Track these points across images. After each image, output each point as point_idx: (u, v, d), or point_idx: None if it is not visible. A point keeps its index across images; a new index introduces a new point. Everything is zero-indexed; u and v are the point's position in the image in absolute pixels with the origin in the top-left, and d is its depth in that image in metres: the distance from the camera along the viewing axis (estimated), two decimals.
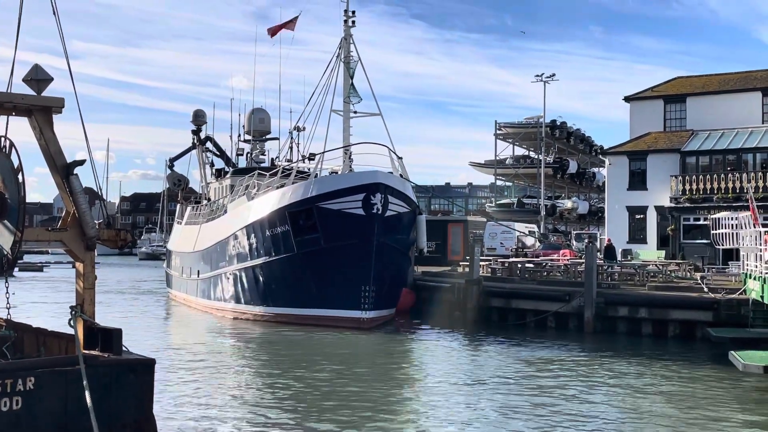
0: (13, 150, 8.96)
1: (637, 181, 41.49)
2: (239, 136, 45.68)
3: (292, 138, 40.42)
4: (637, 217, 41.38)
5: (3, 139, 9.13)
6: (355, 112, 34.29)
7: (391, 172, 28.49)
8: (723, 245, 28.92)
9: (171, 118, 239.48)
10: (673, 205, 39.20)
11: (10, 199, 8.91)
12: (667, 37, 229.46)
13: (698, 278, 28.54)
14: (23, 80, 9.49)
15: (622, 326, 25.88)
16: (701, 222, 38.16)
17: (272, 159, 41.88)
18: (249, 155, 43.59)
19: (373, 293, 27.10)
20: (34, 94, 9.41)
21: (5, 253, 9.03)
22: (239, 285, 30.78)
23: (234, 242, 31.07)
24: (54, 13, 10.30)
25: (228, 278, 31.78)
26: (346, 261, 26.62)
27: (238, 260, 30.79)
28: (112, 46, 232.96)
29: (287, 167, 32.69)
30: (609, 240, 33.09)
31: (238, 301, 31.03)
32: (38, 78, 9.44)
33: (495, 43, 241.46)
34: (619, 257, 33.96)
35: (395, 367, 20.60)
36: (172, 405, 14.77)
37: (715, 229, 29.42)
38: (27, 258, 72.13)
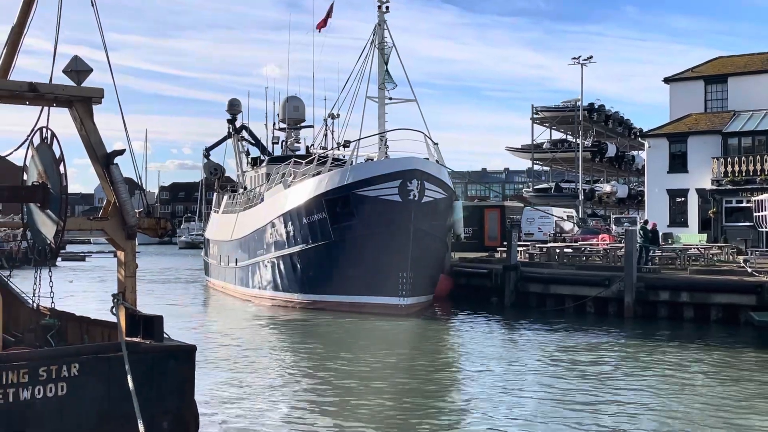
0: (55, 141, 9.08)
1: (678, 163, 40.80)
2: (274, 124, 45.87)
3: (326, 125, 40.48)
4: (678, 200, 40.74)
5: (44, 130, 9.25)
6: (390, 99, 34.17)
7: (427, 159, 28.37)
8: (766, 228, 28.38)
9: (206, 108, 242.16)
10: (714, 187, 38.50)
11: (52, 189, 9.04)
12: (704, 16, 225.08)
13: (741, 261, 28.06)
14: (63, 71, 9.59)
15: (663, 311, 25.56)
16: (744, 204, 37.44)
17: (307, 147, 41.98)
18: (284, 143, 43.75)
19: (411, 280, 27.07)
20: (74, 85, 9.51)
21: (48, 242, 9.17)
22: (277, 272, 30.99)
23: (271, 230, 31.27)
24: (92, 5, 10.40)
25: (266, 266, 32.02)
26: (383, 248, 26.63)
27: (275, 248, 30.99)
28: (146, 37, 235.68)
29: (323, 155, 32.74)
30: (653, 223, 32.65)
31: (276, 288, 31.25)
32: (78, 69, 9.54)
33: (528, 26, 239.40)
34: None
35: (433, 353, 20.60)
36: (212, 391, 14.95)
37: (758, 212, 28.90)
38: (69, 248, 73.48)
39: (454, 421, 13.32)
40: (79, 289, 37.79)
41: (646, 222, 31.70)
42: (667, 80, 44.49)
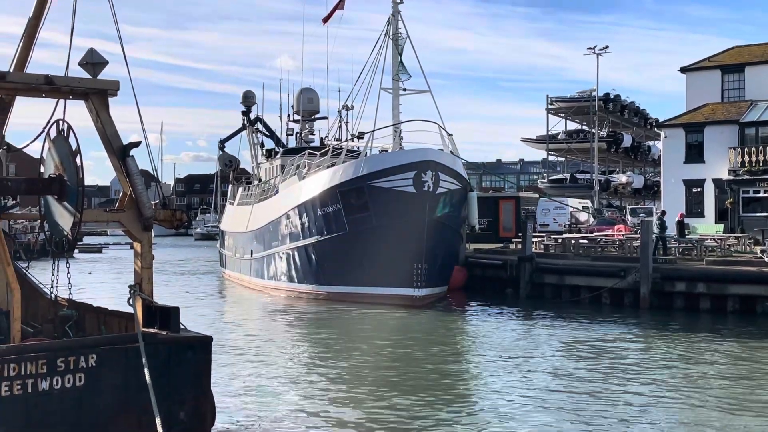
0: (71, 133, 9.12)
1: (694, 153, 40.50)
2: (288, 116, 45.91)
3: (341, 117, 40.47)
4: (694, 190, 40.45)
5: (61, 122, 9.30)
6: (405, 90, 34.07)
7: (442, 150, 28.30)
8: None
9: (220, 100, 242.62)
10: (731, 177, 38.20)
11: (68, 181, 9.09)
12: (721, 5, 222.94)
13: (758, 252, 27.86)
14: (79, 64, 9.63)
15: (680, 302, 25.42)
16: (761, 194, 37.16)
17: (322, 138, 41.99)
18: (299, 135, 43.79)
19: (425, 271, 27.07)
20: (90, 77, 9.54)
21: (65, 234, 9.23)
22: (292, 264, 31.08)
23: (286, 222, 31.35)
24: None
25: (281, 257, 32.11)
26: (397, 239, 26.62)
27: (290, 239, 31.07)
28: (160, 29, 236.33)
29: (337, 146, 32.72)
30: (681, 214, 32.41)
31: (291, 280, 31.34)
32: (94, 61, 9.58)
33: (542, 16, 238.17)
34: (673, 231, 33.23)
35: (448, 345, 20.60)
36: (228, 381, 15.03)
37: None
38: (87, 240, 73.97)
39: (468, 411, 13.32)
40: (96, 280, 38.05)
41: (663, 213, 31.44)
42: (683, 70, 44.11)
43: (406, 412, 12.90)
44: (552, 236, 35.41)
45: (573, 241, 32.88)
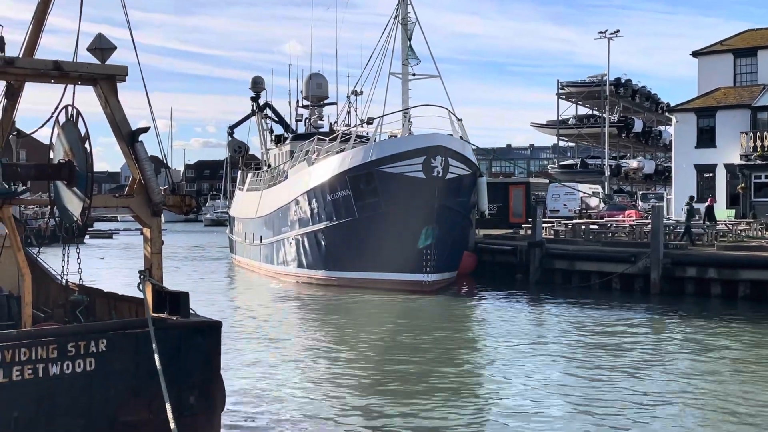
0: (80, 119, 9.11)
1: (706, 138, 40.27)
2: (297, 101, 45.85)
3: (350, 102, 40.39)
4: (706, 175, 40.25)
5: (70, 108, 9.28)
6: (414, 75, 33.92)
7: (451, 135, 28.22)
8: None
9: (229, 86, 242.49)
10: (743, 162, 37.99)
11: (78, 167, 9.08)
12: None
13: None
14: (87, 49, 9.58)
15: (690, 287, 25.35)
16: None
17: (331, 124, 41.94)
18: (308, 121, 43.74)
19: (435, 256, 27.08)
20: (99, 62, 9.51)
21: (75, 219, 9.24)
22: (301, 250, 31.12)
23: (295, 207, 31.36)
24: None
25: (290, 243, 32.16)
26: (407, 224, 26.61)
27: (299, 225, 31.10)
28: (168, 14, 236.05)
29: (346, 132, 32.65)
30: (711, 198, 32.18)
31: (300, 265, 31.40)
32: (102, 47, 9.51)
33: (551, 0, 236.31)
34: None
35: (457, 330, 20.62)
36: (238, 366, 15.09)
37: None
38: (97, 225, 74.32)
39: (476, 396, 13.34)
40: (107, 265, 38.23)
41: (691, 198, 30.85)
42: (695, 54, 43.78)
43: (414, 397, 12.92)
44: (562, 222, 35.32)
45: (583, 227, 32.79)
